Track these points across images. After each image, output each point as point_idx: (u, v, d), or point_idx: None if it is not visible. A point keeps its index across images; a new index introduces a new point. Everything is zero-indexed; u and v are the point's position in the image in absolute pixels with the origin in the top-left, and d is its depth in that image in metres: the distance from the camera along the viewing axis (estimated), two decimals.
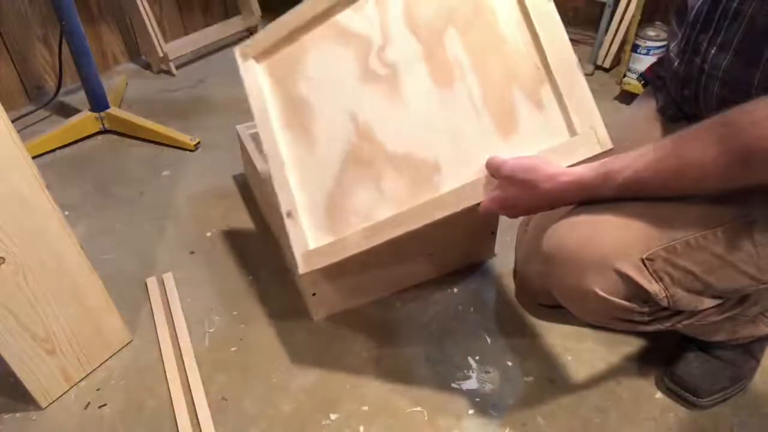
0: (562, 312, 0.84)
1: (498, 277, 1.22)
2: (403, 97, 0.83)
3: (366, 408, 0.98)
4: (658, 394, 0.99)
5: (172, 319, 1.13)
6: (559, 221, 0.77)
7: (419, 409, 0.97)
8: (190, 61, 2.16)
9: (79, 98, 1.79)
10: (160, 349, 1.07)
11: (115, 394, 1.00)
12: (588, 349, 1.06)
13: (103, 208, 1.44)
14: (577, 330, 1.09)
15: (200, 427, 0.94)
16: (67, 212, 1.40)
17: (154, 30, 1.98)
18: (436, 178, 0.81)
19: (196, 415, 0.96)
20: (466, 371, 1.03)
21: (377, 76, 0.85)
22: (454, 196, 0.78)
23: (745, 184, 0.64)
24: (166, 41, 2.05)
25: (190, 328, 1.11)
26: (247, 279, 1.23)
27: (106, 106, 1.68)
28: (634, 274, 0.71)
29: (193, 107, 1.88)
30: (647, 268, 0.71)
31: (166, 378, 1.02)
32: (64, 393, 1.00)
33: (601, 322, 0.81)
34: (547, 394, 0.99)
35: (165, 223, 1.38)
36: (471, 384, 1.01)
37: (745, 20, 0.69)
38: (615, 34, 1.90)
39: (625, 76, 1.80)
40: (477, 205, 0.77)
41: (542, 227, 0.81)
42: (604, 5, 1.86)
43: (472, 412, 0.97)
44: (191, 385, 1.00)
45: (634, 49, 1.77)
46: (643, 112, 0.98)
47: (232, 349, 1.08)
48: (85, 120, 1.67)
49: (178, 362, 1.05)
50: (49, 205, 0.87)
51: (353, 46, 0.86)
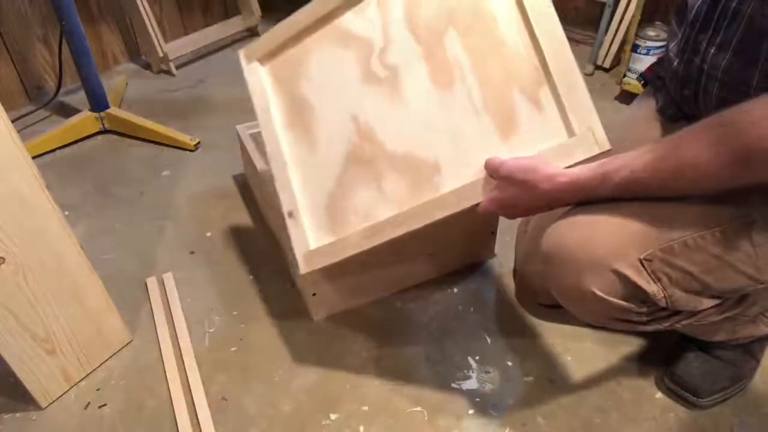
0: (562, 312, 0.84)
1: (498, 277, 1.22)
2: (403, 97, 0.84)
3: (366, 408, 0.98)
4: (658, 394, 0.99)
5: (172, 319, 1.13)
6: (558, 221, 0.77)
7: (419, 409, 0.97)
8: (190, 61, 2.16)
9: (79, 98, 1.79)
10: (160, 349, 1.07)
11: (115, 394, 1.00)
12: (588, 349, 1.06)
13: (103, 208, 1.44)
14: (577, 330, 1.09)
15: (200, 427, 0.94)
16: (67, 212, 1.40)
17: (154, 30, 1.98)
18: (436, 179, 0.81)
19: (196, 415, 0.96)
20: (466, 371, 1.03)
21: (378, 77, 0.85)
22: (454, 197, 0.78)
23: (743, 184, 0.64)
24: (166, 41, 2.05)
25: (190, 328, 1.11)
26: (247, 279, 1.23)
27: (106, 106, 1.68)
28: (632, 275, 0.71)
29: (193, 107, 1.88)
30: (645, 269, 0.71)
31: (166, 378, 1.02)
32: (64, 393, 1.00)
33: (600, 322, 0.81)
34: (547, 394, 0.99)
35: (165, 223, 1.39)
36: (471, 384, 1.01)
37: (744, 20, 0.69)
38: (615, 34, 1.90)
39: (625, 76, 1.80)
40: (476, 206, 0.77)
41: (542, 227, 0.81)
42: (604, 5, 1.86)
43: (472, 412, 0.97)
44: (191, 385, 1.00)
45: (634, 49, 1.77)
46: (643, 112, 0.98)
47: (232, 349, 1.08)
48: (85, 120, 1.67)
49: (178, 362, 1.05)
50: (49, 205, 0.87)
51: (355, 49, 0.87)
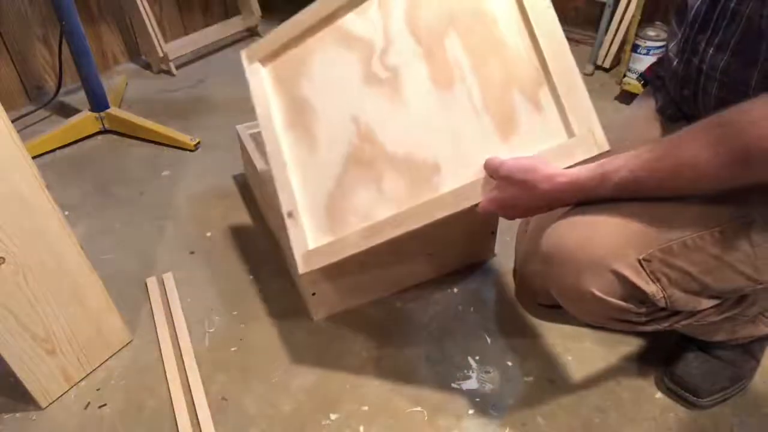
0: (562, 312, 0.84)
1: (498, 277, 1.22)
2: (404, 98, 0.84)
3: (366, 408, 0.98)
4: (658, 394, 0.99)
5: (172, 319, 1.13)
6: (558, 221, 0.77)
7: (419, 409, 0.97)
8: (190, 61, 2.16)
9: (79, 98, 1.79)
10: (160, 349, 1.07)
11: (115, 394, 1.00)
12: (588, 349, 1.06)
13: (103, 208, 1.44)
14: (577, 330, 1.09)
15: (200, 427, 0.94)
16: (67, 212, 1.40)
17: (154, 30, 1.98)
18: (436, 179, 0.81)
19: (196, 415, 0.96)
20: (466, 371, 1.03)
21: (379, 78, 0.85)
22: (454, 197, 0.78)
23: (743, 184, 0.64)
24: (166, 41, 2.05)
25: (190, 328, 1.11)
26: (247, 279, 1.23)
27: (106, 106, 1.68)
28: (631, 275, 0.71)
29: (193, 107, 1.88)
30: (644, 269, 0.71)
31: (166, 378, 1.02)
32: (64, 393, 1.00)
33: (599, 322, 0.81)
34: (547, 394, 0.99)
35: (165, 223, 1.39)
36: (471, 384, 1.01)
37: (743, 20, 0.69)
38: (615, 34, 1.90)
39: (625, 76, 1.80)
40: (476, 206, 0.77)
41: (542, 227, 0.81)
42: (604, 5, 1.86)
43: (472, 412, 0.97)
44: (191, 385, 1.00)
45: (634, 49, 1.77)
46: (643, 111, 0.98)
47: (232, 349, 1.08)
48: (85, 120, 1.67)
49: (178, 362, 1.05)
50: (49, 205, 0.87)
51: (357, 50, 0.87)
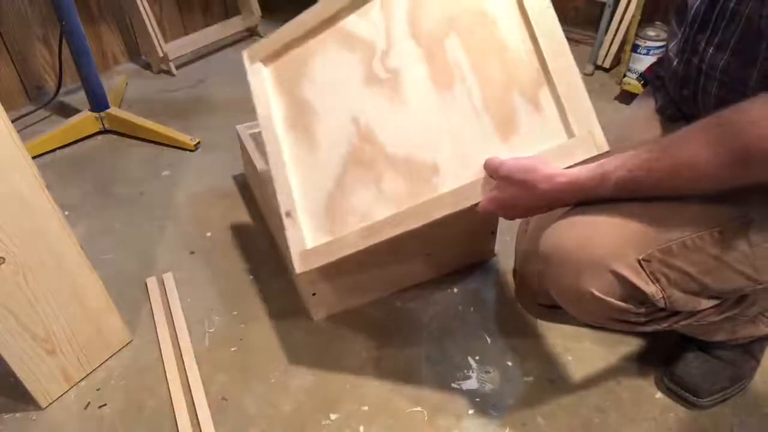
0: (562, 312, 0.84)
1: (498, 277, 1.22)
2: (404, 99, 0.84)
3: (366, 408, 0.98)
4: (658, 394, 0.99)
5: (172, 319, 1.13)
6: (557, 221, 0.77)
7: (419, 409, 0.97)
8: (190, 61, 2.16)
9: (79, 98, 1.79)
10: (160, 349, 1.07)
11: (115, 394, 1.00)
12: (588, 349, 1.06)
13: (103, 208, 1.44)
14: (577, 330, 1.09)
15: (200, 427, 0.94)
16: (67, 212, 1.40)
17: (154, 30, 1.98)
18: (435, 179, 0.81)
19: (196, 415, 0.96)
20: (466, 371, 1.03)
21: (380, 79, 0.86)
22: (453, 197, 0.78)
23: (742, 184, 0.64)
24: (166, 41, 2.05)
25: (190, 328, 1.11)
26: (247, 279, 1.23)
27: (106, 106, 1.68)
28: (631, 275, 0.71)
29: (193, 107, 1.88)
30: (644, 269, 0.71)
31: (166, 378, 1.02)
32: (64, 393, 1.00)
33: (599, 323, 0.81)
34: (547, 394, 0.99)
35: (165, 223, 1.39)
36: (471, 384, 1.01)
37: (742, 20, 0.69)
38: (615, 34, 1.90)
39: (625, 76, 1.80)
40: (475, 206, 0.77)
41: (542, 227, 0.81)
42: (604, 5, 1.86)
43: (472, 412, 0.97)
44: (191, 385, 1.00)
45: (634, 49, 1.77)
46: (643, 111, 0.98)
47: (232, 349, 1.08)
48: (85, 120, 1.67)
49: (178, 362, 1.05)
50: (49, 205, 0.87)
51: (358, 51, 0.87)
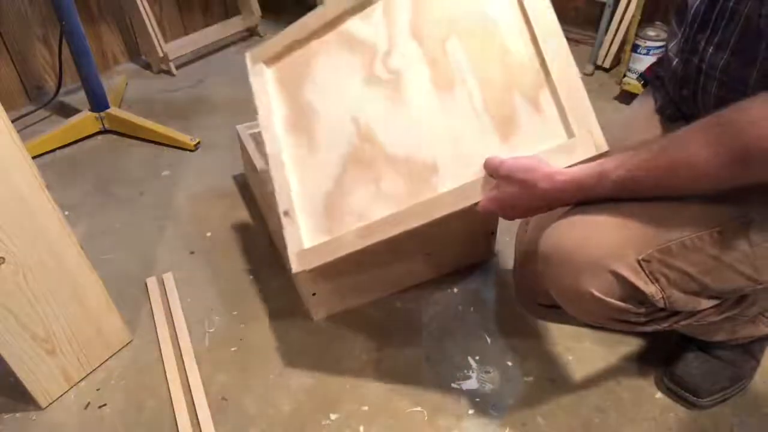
0: (562, 312, 0.84)
1: (498, 277, 1.22)
2: (405, 99, 0.84)
3: (366, 408, 0.98)
4: (658, 394, 0.99)
5: (172, 319, 1.13)
6: (557, 221, 0.77)
7: (419, 409, 0.97)
8: (190, 61, 2.15)
9: (79, 98, 1.79)
10: (160, 349, 1.07)
11: (115, 394, 1.00)
12: (588, 349, 1.06)
13: (103, 208, 1.44)
14: (577, 330, 1.09)
15: (200, 427, 0.94)
16: (67, 212, 1.40)
17: (154, 30, 1.98)
18: (435, 179, 0.81)
19: (196, 415, 0.96)
20: (466, 371, 1.03)
21: (381, 80, 0.86)
22: (452, 196, 0.78)
23: (742, 184, 0.64)
24: (166, 41, 2.05)
25: (190, 328, 1.11)
26: (247, 279, 1.23)
27: (106, 106, 1.68)
28: (630, 276, 0.71)
29: (193, 107, 1.88)
30: (643, 270, 0.71)
31: (166, 378, 1.02)
32: (64, 393, 1.00)
33: (598, 323, 0.81)
34: (547, 394, 0.99)
35: (165, 223, 1.39)
36: (471, 384, 1.01)
37: (742, 20, 0.69)
38: (615, 34, 1.90)
39: (625, 76, 1.80)
40: (475, 206, 0.77)
41: (542, 227, 0.81)
42: (604, 5, 1.86)
43: (472, 412, 0.97)
44: (191, 385, 1.00)
45: (634, 49, 1.77)
46: (643, 111, 0.98)
47: (232, 349, 1.08)
48: (85, 120, 1.67)
49: (178, 362, 1.05)
50: (49, 205, 0.87)
51: (360, 53, 0.88)
